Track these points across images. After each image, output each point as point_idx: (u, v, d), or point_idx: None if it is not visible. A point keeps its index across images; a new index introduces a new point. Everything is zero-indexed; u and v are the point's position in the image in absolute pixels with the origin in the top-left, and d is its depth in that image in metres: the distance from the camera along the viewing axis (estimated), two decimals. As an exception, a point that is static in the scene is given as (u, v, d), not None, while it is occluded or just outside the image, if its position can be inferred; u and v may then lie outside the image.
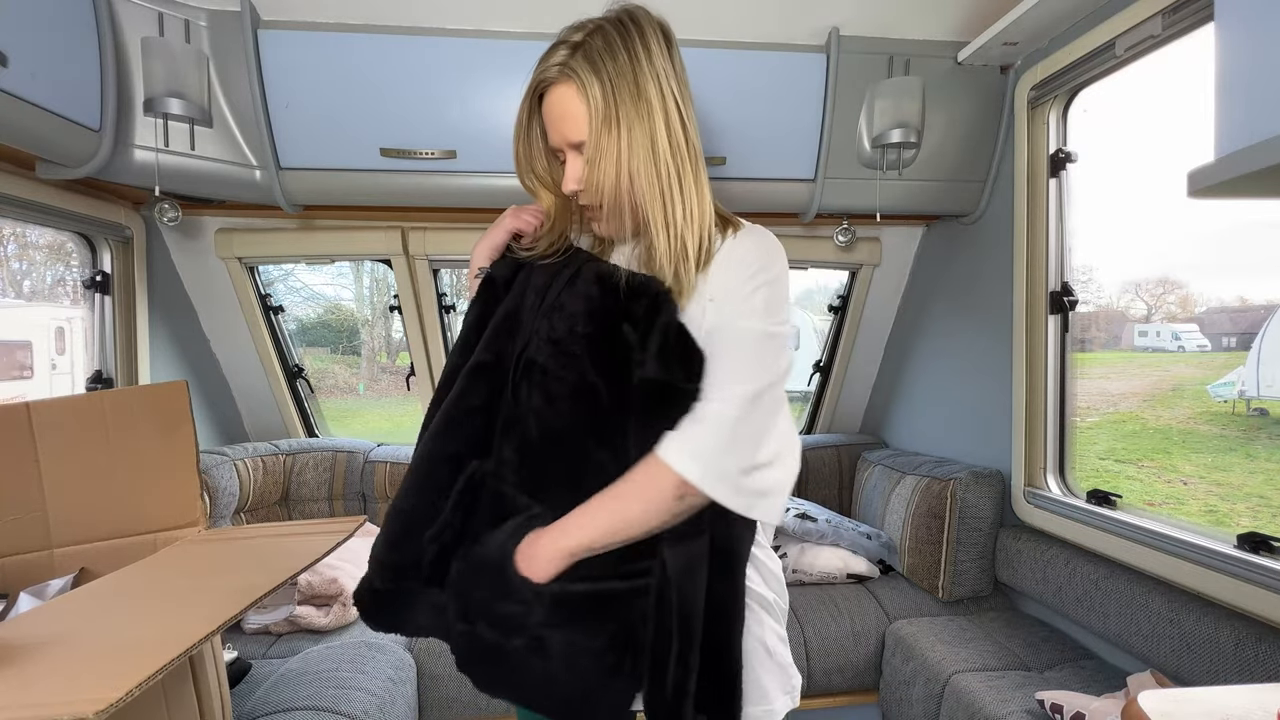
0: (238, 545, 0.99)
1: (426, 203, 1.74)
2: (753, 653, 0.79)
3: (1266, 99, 0.64)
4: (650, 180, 0.77)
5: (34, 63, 1.20)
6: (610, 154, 0.77)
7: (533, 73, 0.82)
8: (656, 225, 0.78)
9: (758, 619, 0.81)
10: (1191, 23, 1.28)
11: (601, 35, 0.78)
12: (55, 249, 2.08)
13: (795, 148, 1.74)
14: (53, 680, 0.58)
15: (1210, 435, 2.16)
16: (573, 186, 0.82)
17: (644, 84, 0.77)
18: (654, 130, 0.77)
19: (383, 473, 2.20)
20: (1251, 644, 1.19)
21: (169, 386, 1.11)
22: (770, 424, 0.74)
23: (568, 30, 0.81)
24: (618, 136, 0.77)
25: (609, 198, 0.79)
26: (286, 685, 1.39)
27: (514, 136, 0.87)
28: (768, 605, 0.82)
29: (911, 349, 2.33)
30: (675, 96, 0.79)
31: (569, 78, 0.78)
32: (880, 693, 1.80)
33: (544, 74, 0.81)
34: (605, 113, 0.76)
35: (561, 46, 0.80)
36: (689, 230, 0.78)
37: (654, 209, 0.77)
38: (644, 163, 0.77)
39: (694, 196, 0.79)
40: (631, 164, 0.77)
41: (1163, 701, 0.68)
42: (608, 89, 0.76)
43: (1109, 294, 1.91)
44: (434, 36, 1.57)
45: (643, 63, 0.77)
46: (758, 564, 0.82)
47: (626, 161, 0.77)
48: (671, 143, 0.78)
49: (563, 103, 0.79)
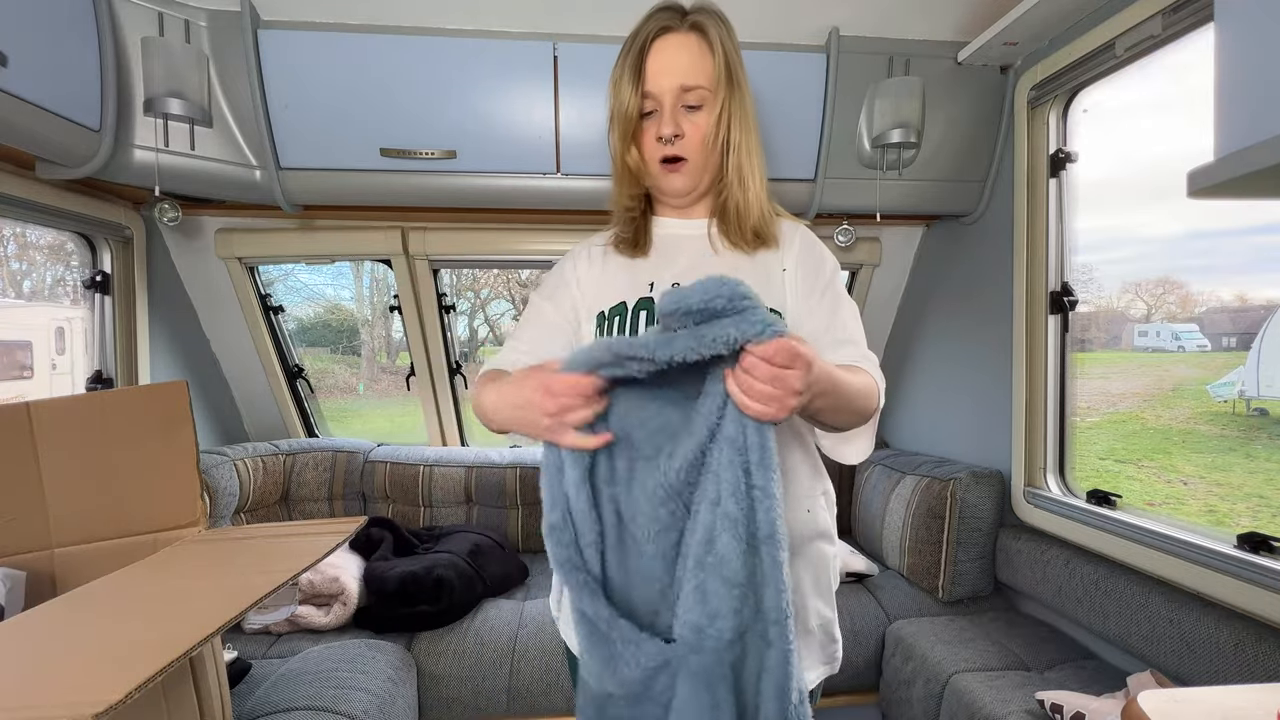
0: (238, 545, 0.99)
1: (426, 203, 1.74)
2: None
3: (1266, 99, 0.64)
4: (745, 138, 0.87)
5: (34, 63, 1.20)
6: (727, 105, 0.85)
7: (642, 24, 0.86)
8: (745, 181, 0.87)
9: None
10: (1191, 23, 1.28)
11: (705, 9, 0.86)
12: (55, 249, 2.08)
13: (795, 148, 1.74)
14: (52, 681, 0.58)
15: (1210, 435, 2.16)
16: (670, 130, 0.85)
17: (741, 59, 0.87)
18: (749, 97, 0.88)
19: (383, 473, 2.20)
20: (1251, 644, 1.19)
21: (169, 386, 1.11)
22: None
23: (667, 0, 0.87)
24: (730, 92, 0.85)
25: (705, 150, 0.87)
26: (286, 685, 1.39)
27: (614, 88, 0.88)
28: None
29: (911, 349, 2.33)
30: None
31: (697, 29, 0.85)
32: (880, 693, 1.80)
33: (665, 21, 0.85)
34: (729, 67, 0.85)
35: (669, 9, 0.86)
36: (763, 191, 0.89)
37: (746, 165, 0.87)
38: (742, 121, 0.86)
39: (763, 163, 0.90)
40: (735, 120, 0.86)
41: (1163, 701, 0.68)
42: (728, 47, 0.85)
43: (1109, 294, 1.91)
44: (434, 36, 1.57)
45: (735, 40, 0.87)
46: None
47: (737, 117, 0.86)
48: (754, 112, 0.89)
49: (687, 49, 0.85)
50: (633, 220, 0.93)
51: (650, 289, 0.87)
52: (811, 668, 0.86)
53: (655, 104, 0.86)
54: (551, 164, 1.68)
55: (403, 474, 2.20)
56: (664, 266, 0.90)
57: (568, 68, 1.61)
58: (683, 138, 0.85)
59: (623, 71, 0.86)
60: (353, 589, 1.74)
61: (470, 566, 1.83)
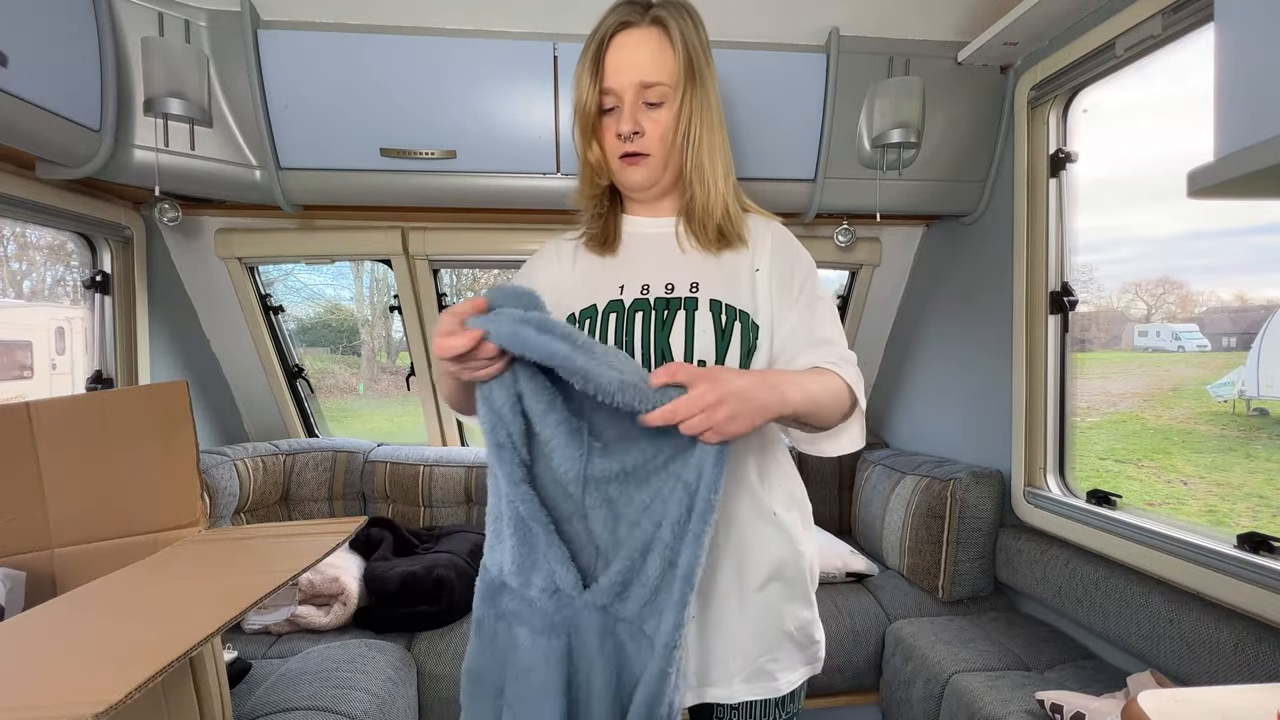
0: (238, 545, 0.99)
1: (426, 203, 1.74)
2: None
3: (1266, 99, 0.64)
4: (708, 135, 0.84)
5: (34, 63, 1.20)
6: (688, 102, 0.83)
7: (604, 18, 0.84)
8: (707, 179, 0.85)
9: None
10: (1191, 23, 1.28)
11: (670, 2, 0.84)
12: (55, 249, 2.08)
13: (795, 148, 1.74)
14: (52, 681, 0.58)
15: (1210, 435, 2.16)
16: (629, 127, 0.84)
17: (708, 50, 0.85)
18: (713, 92, 0.85)
19: (383, 473, 2.20)
20: (1251, 644, 1.19)
21: (169, 386, 1.11)
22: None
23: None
24: (691, 88, 0.83)
25: (665, 146, 0.85)
26: (286, 685, 1.39)
27: (575, 83, 0.86)
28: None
29: (911, 349, 2.33)
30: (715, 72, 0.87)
31: (659, 23, 0.83)
32: (880, 693, 1.80)
33: (626, 16, 0.83)
34: (690, 63, 0.82)
35: (631, 3, 0.84)
36: (728, 189, 0.87)
37: (708, 163, 0.85)
38: (706, 118, 0.84)
39: (728, 160, 0.88)
40: (696, 117, 0.83)
41: (1163, 701, 0.67)
42: (691, 41, 0.83)
43: (1109, 294, 1.91)
44: (434, 36, 1.57)
45: (703, 34, 0.85)
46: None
47: (699, 113, 0.83)
48: (719, 108, 0.87)
49: (646, 44, 0.83)
50: (600, 217, 0.93)
51: (621, 291, 0.86)
52: (791, 669, 0.86)
53: (615, 100, 0.84)
54: (551, 164, 1.68)
55: (403, 474, 2.20)
56: (633, 266, 0.89)
57: (568, 68, 1.61)
58: (642, 135, 0.84)
59: (583, 67, 0.84)
60: (353, 589, 1.74)
61: (470, 566, 1.83)
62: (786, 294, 0.86)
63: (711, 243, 0.87)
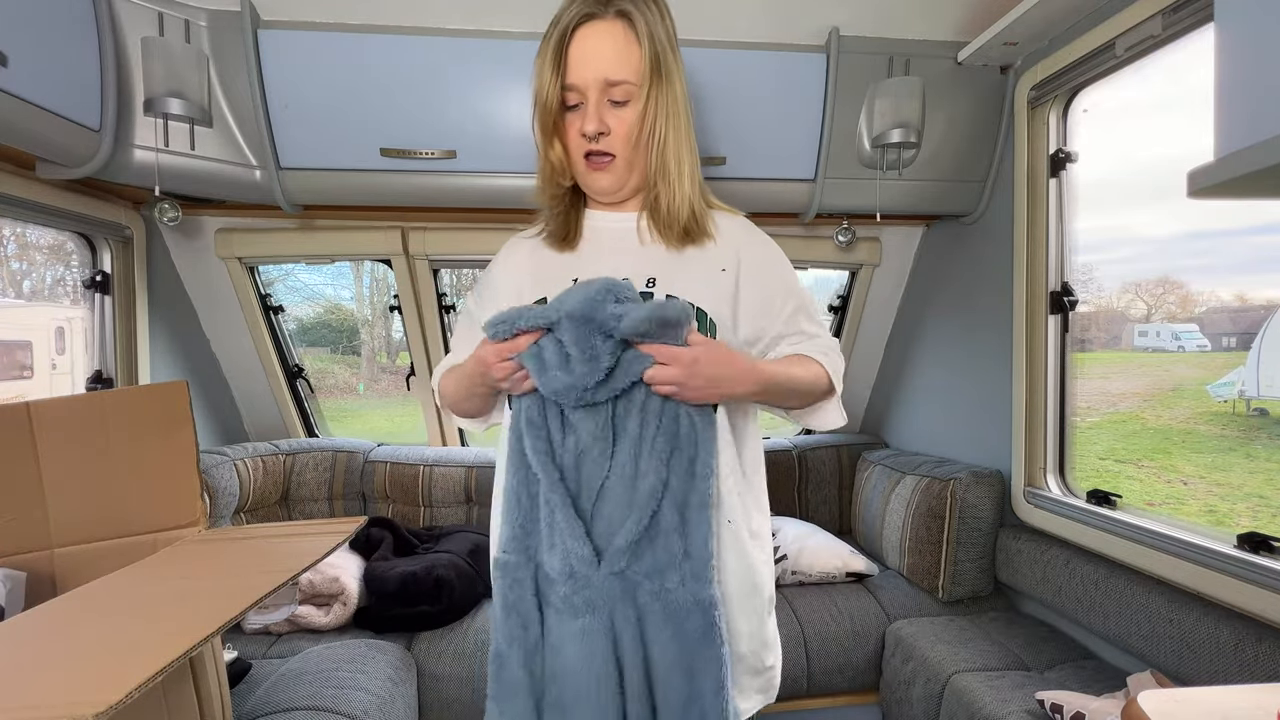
0: (238, 545, 0.99)
1: (426, 203, 1.74)
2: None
3: (1266, 99, 0.64)
4: (674, 134, 0.81)
5: (34, 63, 1.19)
6: (654, 101, 0.79)
7: (567, 7, 0.80)
8: (672, 179, 0.82)
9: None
10: (1191, 23, 1.27)
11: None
12: (55, 249, 2.08)
13: (795, 148, 1.74)
14: (52, 681, 0.58)
15: (1210, 435, 2.16)
16: (594, 127, 0.80)
17: (674, 42, 0.82)
18: (680, 87, 0.82)
19: (383, 473, 2.20)
20: (1251, 644, 1.19)
21: (169, 386, 1.11)
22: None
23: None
24: (657, 86, 0.80)
25: (631, 145, 0.82)
26: (286, 685, 1.39)
27: (536, 77, 0.82)
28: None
29: (911, 349, 2.33)
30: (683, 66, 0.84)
31: (623, 16, 0.79)
32: (880, 693, 1.80)
33: (590, 7, 0.79)
34: (656, 59, 0.79)
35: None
36: (694, 190, 0.85)
37: (674, 163, 0.82)
38: (673, 118, 0.81)
39: (695, 158, 0.85)
40: (662, 116, 0.80)
41: (1163, 701, 0.67)
42: (658, 36, 0.79)
43: (1109, 294, 1.91)
44: (434, 36, 1.57)
45: (669, 24, 0.82)
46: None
47: (665, 111, 0.80)
48: (686, 103, 0.84)
49: (611, 39, 0.79)
50: (561, 214, 0.90)
51: (574, 284, 0.85)
52: (745, 696, 0.85)
53: (579, 96, 0.81)
54: (551, 164, 1.68)
55: (403, 474, 2.20)
56: (592, 260, 0.87)
57: (568, 68, 1.61)
58: (608, 134, 0.81)
59: (544, 60, 0.80)
60: (353, 589, 1.74)
61: (470, 566, 1.83)
62: (765, 289, 0.88)
63: (675, 239, 0.85)
